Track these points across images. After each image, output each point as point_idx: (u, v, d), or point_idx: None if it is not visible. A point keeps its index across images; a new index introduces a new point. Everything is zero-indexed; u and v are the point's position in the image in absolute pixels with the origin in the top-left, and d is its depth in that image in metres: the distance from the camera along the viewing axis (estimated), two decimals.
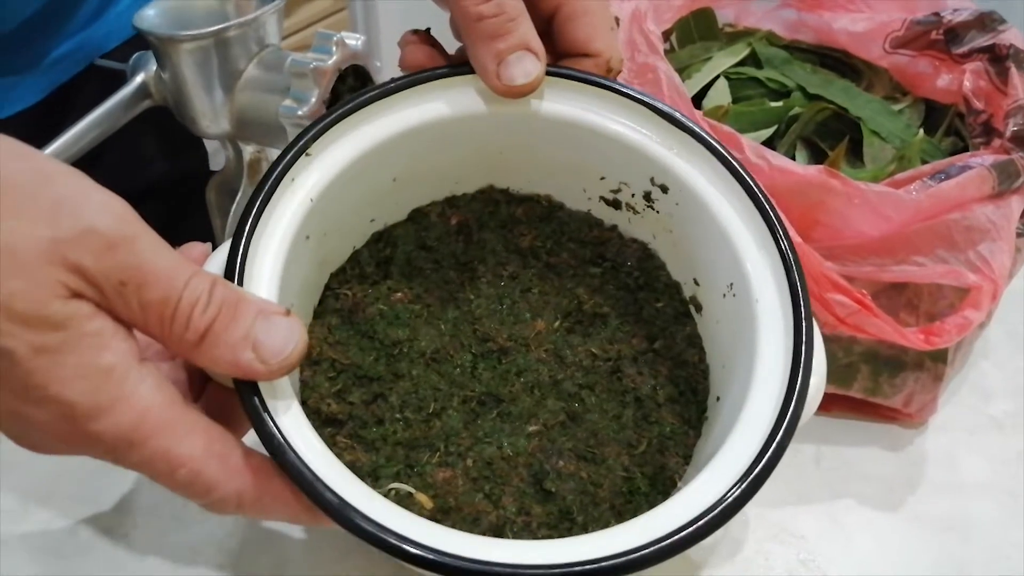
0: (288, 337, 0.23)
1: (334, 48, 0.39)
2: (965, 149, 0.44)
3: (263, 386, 0.23)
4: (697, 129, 0.30)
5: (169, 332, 0.22)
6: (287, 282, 0.26)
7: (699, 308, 0.32)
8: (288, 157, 0.27)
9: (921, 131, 0.42)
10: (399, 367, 0.29)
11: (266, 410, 0.23)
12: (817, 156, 0.46)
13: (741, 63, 0.51)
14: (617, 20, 0.34)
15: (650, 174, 0.31)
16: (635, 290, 0.33)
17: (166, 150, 0.52)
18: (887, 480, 0.35)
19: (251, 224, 0.26)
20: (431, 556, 0.22)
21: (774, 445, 0.24)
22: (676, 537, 0.23)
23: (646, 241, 0.33)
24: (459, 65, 0.29)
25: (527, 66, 0.27)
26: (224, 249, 0.26)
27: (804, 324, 0.26)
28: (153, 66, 0.43)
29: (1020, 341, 0.42)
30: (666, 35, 0.51)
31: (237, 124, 0.42)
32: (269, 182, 0.27)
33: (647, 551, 0.22)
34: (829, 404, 0.37)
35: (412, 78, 0.29)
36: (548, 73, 0.29)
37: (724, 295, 0.29)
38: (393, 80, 0.29)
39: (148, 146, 0.51)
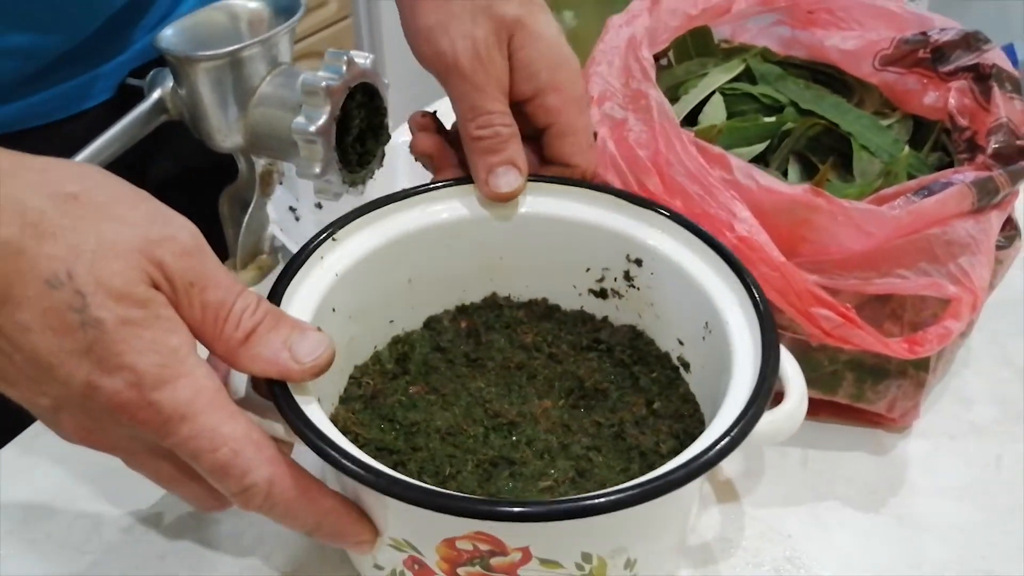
0: (318, 345, 0.27)
1: (344, 67, 0.41)
2: (951, 164, 0.46)
3: (292, 387, 0.27)
4: (653, 203, 0.35)
5: (220, 331, 0.26)
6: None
7: (687, 367, 0.35)
8: (318, 240, 0.32)
9: (907, 148, 0.44)
10: (416, 442, 0.32)
11: (294, 400, 0.26)
12: (809, 170, 0.48)
13: (736, 79, 0.53)
14: (596, 134, 0.39)
15: (625, 251, 0.35)
16: (630, 365, 0.36)
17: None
18: (870, 482, 0.36)
19: (284, 291, 0.30)
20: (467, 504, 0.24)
21: (724, 442, 0.26)
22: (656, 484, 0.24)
23: (634, 323, 0.37)
24: (466, 179, 0.36)
25: (511, 179, 0.35)
26: None
27: (768, 348, 0.29)
28: (170, 82, 0.44)
29: (1001, 350, 0.43)
30: (664, 52, 0.53)
31: (250, 139, 0.44)
32: (300, 258, 0.32)
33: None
34: (816, 409, 0.39)
35: (423, 187, 0.35)
36: (534, 179, 0.36)
37: (704, 337, 0.33)
38: (407, 190, 0.35)
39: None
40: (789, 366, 0.31)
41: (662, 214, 0.34)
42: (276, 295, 0.30)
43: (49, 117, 0.46)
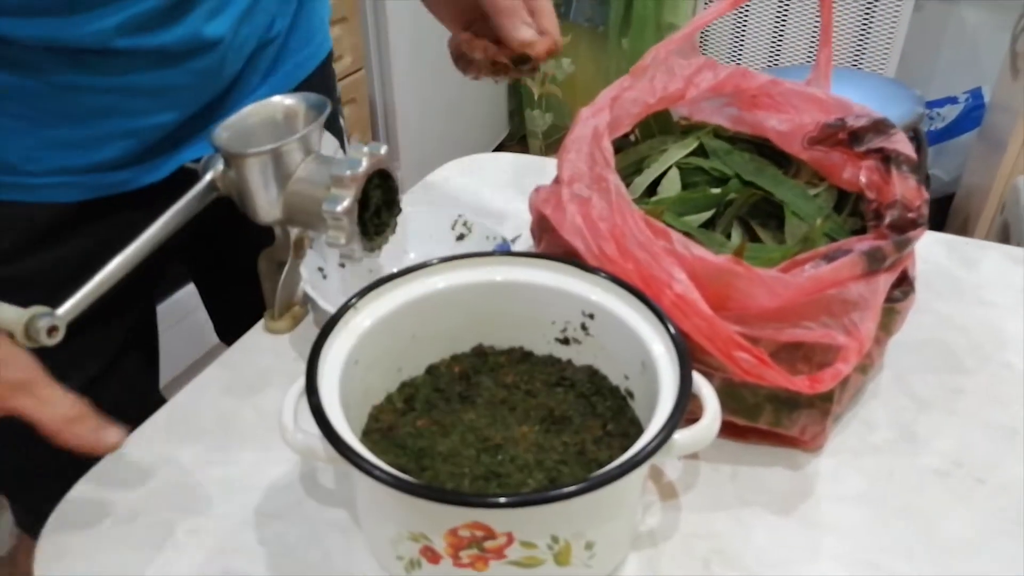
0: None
1: (364, 159, 0.51)
2: (864, 228, 0.55)
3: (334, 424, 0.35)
4: (599, 271, 0.45)
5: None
6: (345, 399, 0.38)
7: (632, 396, 0.44)
8: (344, 309, 0.42)
9: (819, 221, 0.53)
10: (424, 463, 0.41)
11: (339, 435, 0.35)
12: (749, 232, 0.58)
13: (692, 153, 0.63)
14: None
15: (580, 308, 0.45)
16: (589, 396, 0.45)
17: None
18: (785, 492, 0.45)
19: (321, 348, 0.40)
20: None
21: (647, 449, 0.35)
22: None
23: (591, 363, 0.47)
24: (457, 258, 0.46)
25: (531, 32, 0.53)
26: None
27: (684, 376, 0.38)
28: (220, 166, 0.54)
29: (903, 384, 0.53)
30: (631, 130, 0.62)
31: (287, 214, 0.53)
32: (331, 323, 0.41)
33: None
34: (744, 433, 0.48)
35: (422, 264, 0.45)
36: (507, 254, 0.47)
37: (641, 372, 0.42)
38: (410, 267, 0.45)
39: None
40: (707, 393, 0.40)
41: (606, 278, 0.44)
42: (316, 351, 0.39)
43: (141, 183, 0.57)
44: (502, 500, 0.33)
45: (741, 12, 2.03)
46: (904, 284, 0.51)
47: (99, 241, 0.57)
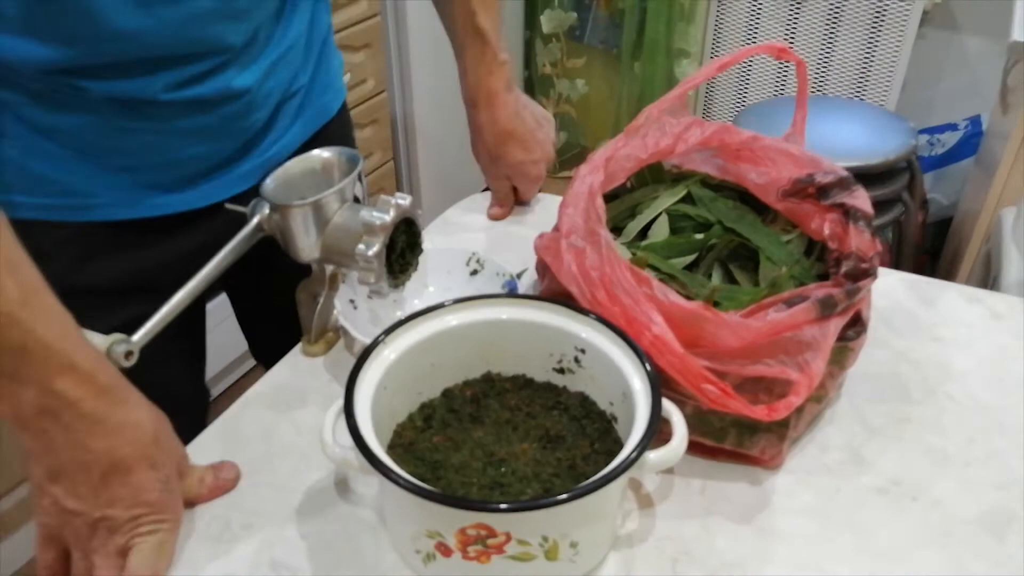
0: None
1: (392, 210, 0.59)
2: (827, 275, 0.63)
3: (366, 439, 0.43)
4: (589, 312, 0.53)
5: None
6: (375, 419, 0.47)
7: (616, 420, 0.52)
8: (375, 343, 0.50)
9: (784, 268, 0.61)
10: (439, 474, 0.49)
11: (370, 448, 0.43)
12: (728, 274, 0.66)
13: (680, 200, 0.70)
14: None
15: (573, 344, 0.53)
16: (580, 419, 0.54)
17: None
18: (746, 504, 0.53)
19: (356, 376, 0.48)
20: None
21: (619, 466, 0.43)
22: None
23: (582, 390, 0.55)
24: (469, 299, 0.54)
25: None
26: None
27: (655, 406, 0.46)
28: (266, 210, 0.63)
29: (857, 412, 0.60)
30: (627, 180, 0.70)
31: (324, 254, 0.62)
32: (364, 356, 0.49)
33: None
34: (712, 452, 0.56)
35: (438, 306, 0.54)
36: (512, 296, 0.56)
37: (623, 400, 0.50)
38: (429, 307, 0.54)
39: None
40: (677, 420, 0.48)
41: (596, 320, 0.52)
42: (352, 380, 0.47)
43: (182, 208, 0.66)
44: (501, 506, 0.41)
45: (749, 44, 2.10)
46: (857, 325, 0.59)
47: (147, 256, 0.66)
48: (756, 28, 2.09)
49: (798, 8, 2.02)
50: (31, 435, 0.47)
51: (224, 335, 0.99)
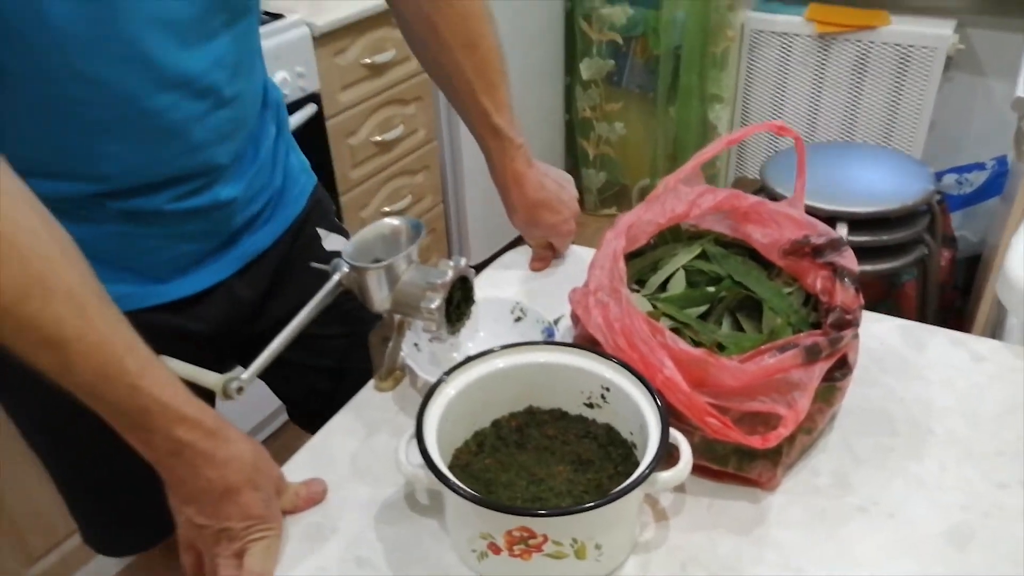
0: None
1: (450, 271, 0.71)
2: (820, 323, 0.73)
3: (434, 459, 0.55)
4: (613, 357, 0.64)
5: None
6: (439, 444, 0.58)
7: (635, 447, 0.63)
8: (439, 382, 0.62)
9: (779, 320, 0.72)
10: (490, 489, 0.60)
11: (439, 468, 0.55)
12: (736, 323, 0.76)
13: (696, 257, 0.82)
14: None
15: (600, 383, 0.64)
16: (606, 446, 0.65)
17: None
18: (745, 519, 0.63)
19: (424, 408, 0.60)
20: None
21: (631, 483, 0.54)
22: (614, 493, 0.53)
23: (608, 422, 0.66)
24: (513, 346, 0.65)
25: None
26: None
27: (663, 435, 0.57)
28: (345, 268, 0.76)
29: (846, 443, 0.70)
30: (649, 240, 0.82)
31: (394, 306, 0.75)
32: (431, 392, 0.62)
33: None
34: (717, 475, 0.66)
35: (488, 352, 0.65)
36: (549, 343, 0.67)
37: (641, 431, 0.61)
38: (481, 353, 0.65)
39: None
40: (684, 447, 0.59)
41: (618, 363, 0.63)
42: (422, 411, 0.60)
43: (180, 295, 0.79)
44: (540, 512, 0.53)
45: (780, 91, 2.20)
46: (844, 367, 0.69)
47: (147, 340, 0.68)
48: (786, 75, 2.19)
49: (826, 55, 2.12)
50: (164, 470, 0.61)
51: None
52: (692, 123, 2.33)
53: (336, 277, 0.76)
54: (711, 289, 0.78)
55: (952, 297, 1.93)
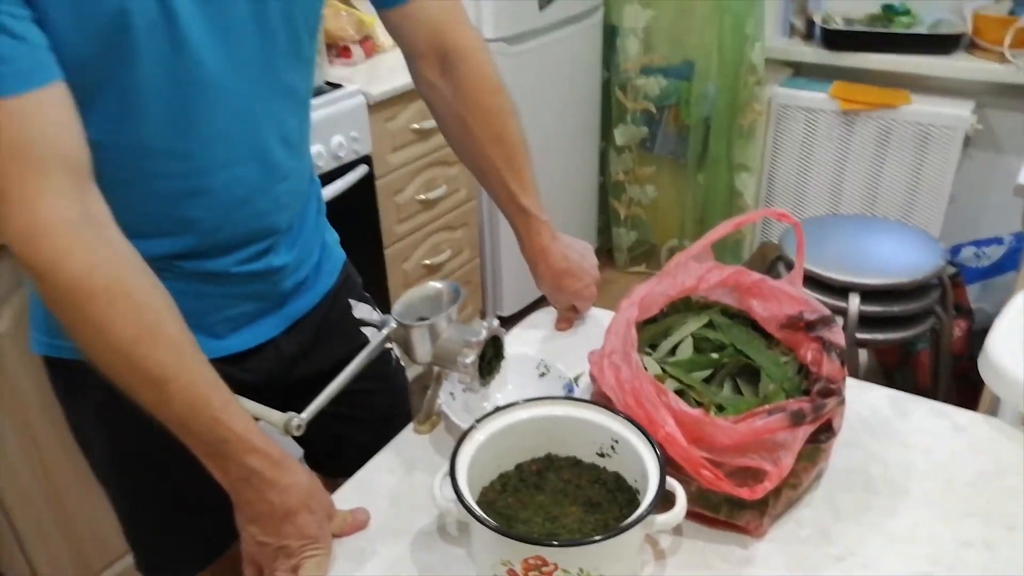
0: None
1: (484, 331, 0.82)
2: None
3: (464, 497, 0.66)
4: (621, 413, 0.74)
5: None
6: (469, 483, 0.69)
7: (639, 492, 0.72)
8: (469, 429, 0.72)
9: (771, 386, 0.81)
10: (511, 524, 0.70)
11: (469, 503, 0.65)
12: (736, 387, 0.86)
13: (704, 326, 0.92)
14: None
15: (610, 436, 0.73)
16: (614, 491, 0.74)
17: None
18: (735, 561, 0.72)
19: (457, 451, 0.70)
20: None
21: (640, 514, 0.63)
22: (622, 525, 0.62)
23: (616, 470, 0.75)
24: (536, 399, 0.75)
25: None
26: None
27: (661, 482, 0.66)
28: (393, 324, 0.87)
29: (830, 499, 0.78)
30: (661, 310, 0.92)
31: (435, 360, 0.86)
32: (463, 437, 0.72)
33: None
34: (710, 521, 0.75)
35: (512, 404, 0.75)
36: (568, 398, 0.76)
37: (644, 478, 0.70)
38: (506, 405, 0.75)
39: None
40: (679, 494, 0.68)
41: (626, 419, 0.73)
42: (455, 454, 0.70)
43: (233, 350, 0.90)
44: (553, 543, 0.63)
45: (805, 162, 2.30)
46: (828, 431, 0.78)
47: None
48: (811, 148, 2.30)
49: (850, 130, 2.22)
50: (234, 493, 0.72)
51: None
52: (720, 189, 2.44)
53: (385, 332, 0.87)
54: (715, 356, 0.87)
55: (968, 367, 1.99)
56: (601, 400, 0.79)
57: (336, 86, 1.77)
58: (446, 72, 0.93)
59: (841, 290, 1.60)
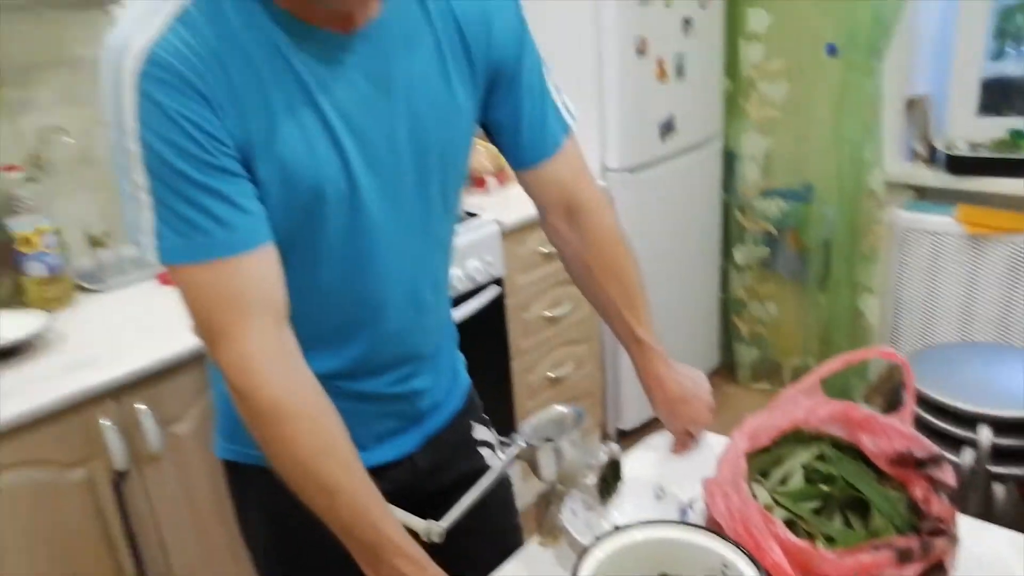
0: None
1: (604, 454, 0.91)
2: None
3: None
4: (731, 540, 0.79)
5: None
6: None
7: None
8: (589, 548, 0.80)
9: (881, 520, 0.85)
10: None
11: None
12: (845, 519, 0.90)
13: (815, 458, 0.96)
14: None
15: (721, 561, 0.79)
16: None
17: None
18: None
19: (579, 565, 0.78)
20: None
21: None
22: None
23: None
24: (653, 522, 0.82)
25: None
26: None
27: None
28: (522, 443, 0.97)
29: None
30: (771, 441, 0.98)
31: (558, 478, 0.95)
32: (583, 555, 0.79)
33: None
34: None
35: (629, 525, 0.82)
36: (681, 523, 0.82)
37: None
38: (623, 526, 0.82)
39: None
40: None
41: (735, 546, 0.79)
42: (575, 568, 0.78)
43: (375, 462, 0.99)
44: None
45: (932, 286, 2.27)
46: (940, 571, 0.80)
47: None
48: (937, 270, 2.27)
49: (978, 254, 2.19)
50: None
51: None
52: (842, 310, 2.43)
53: (514, 450, 0.98)
54: (825, 487, 0.92)
55: None
56: (714, 526, 0.85)
57: (472, 215, 1.96)
58: (573, 223, 1.07)
59: (970, 420, 1.57)
